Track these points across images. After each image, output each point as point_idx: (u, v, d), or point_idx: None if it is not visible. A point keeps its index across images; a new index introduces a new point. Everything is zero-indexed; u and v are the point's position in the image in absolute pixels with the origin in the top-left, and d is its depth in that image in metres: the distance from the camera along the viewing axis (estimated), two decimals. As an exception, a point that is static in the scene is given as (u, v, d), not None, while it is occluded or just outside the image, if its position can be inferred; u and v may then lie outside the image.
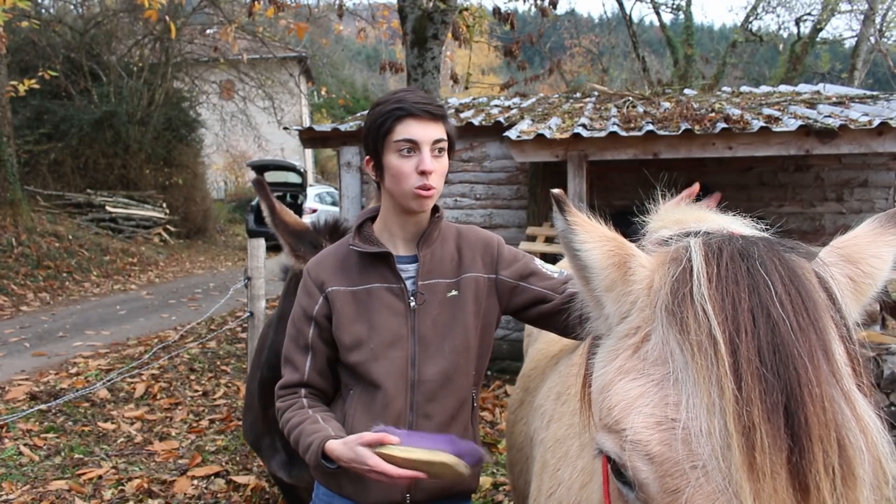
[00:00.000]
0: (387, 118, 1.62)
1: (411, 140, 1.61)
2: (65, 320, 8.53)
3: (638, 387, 0.85)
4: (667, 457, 0.79)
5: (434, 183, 1.63)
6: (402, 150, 1.62)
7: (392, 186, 1.66)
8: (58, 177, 14.70)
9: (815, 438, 0.73)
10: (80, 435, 4.89)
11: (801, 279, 0.85)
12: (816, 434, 0.73)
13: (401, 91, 1.70)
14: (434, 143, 1.63)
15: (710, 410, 0.77)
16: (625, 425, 0.83)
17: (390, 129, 1.62)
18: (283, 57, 18.71)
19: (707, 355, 0.79)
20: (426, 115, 1.62)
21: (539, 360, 2.13)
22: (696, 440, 0.78)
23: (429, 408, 1.70)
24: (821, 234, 6.63)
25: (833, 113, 5.40)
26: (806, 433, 0.73)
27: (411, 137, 1.61)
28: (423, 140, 1.62)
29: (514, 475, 2.10)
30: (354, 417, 1.70)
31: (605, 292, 0.98)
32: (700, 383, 0.79)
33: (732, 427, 0.75)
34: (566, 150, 5.45)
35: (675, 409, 0.80)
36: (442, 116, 1.66)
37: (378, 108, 1.66)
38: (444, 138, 1.66)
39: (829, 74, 18.27)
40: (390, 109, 1.62)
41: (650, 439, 0.80)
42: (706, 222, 1.14)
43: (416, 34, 7.03)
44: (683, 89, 9.01)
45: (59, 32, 15.42)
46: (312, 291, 1.74)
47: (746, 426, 0.74)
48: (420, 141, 1.61)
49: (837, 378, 0.78)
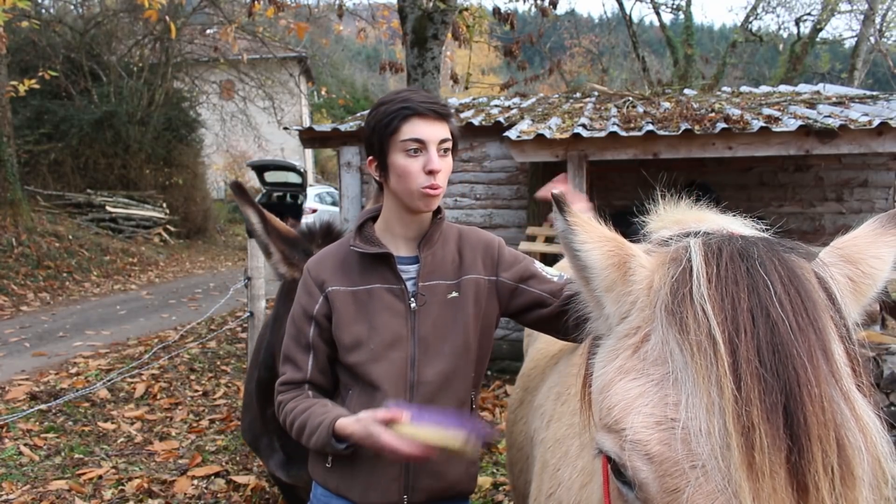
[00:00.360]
0: (393, 117, 1.61)
1: (418, 139, 1.60)
2: (65, 320, 8.53)
3: (638, 387, 0.85)
4: (666, 456, 0.79)
5: (441, 182, 1.63)
6: (410, 149, 1.61)
7: (398, 186, 1.65)
8: (58, 177, 14.71)
9: (814, 438, 0.73)
10: (80, 435, 4.89)
11: (801, 279, 0.85)
12: (815, 434, 0.74)
13: (405, 91, 1.69)
14: (440, 142, 1.63)
15: (710, 410, 0.77)
16: (624, 425, 0.83)
17: (397, 128, 1.61)
18: (283, 57, 18.72)
19: (706, 355, 0.80)
20: (433, 114, 1.61)
21: (539, 360, 2.13)
22: (695, 440, 0.78)
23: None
24: (821, 234, 6.64)
25: (833, 113, 5.40)
26: (805, 433, 0.74)
27: (418, 137, 1.60)
28: (430, 139, 1.61)
29: (513, 475, 2.10)
30: None
31: (605, 292, 0.98)
32: (699, 383, 0.79)
33: (732, 427, 0.75)
34: (566, 150, 5.45)
35: (675, 409, 0.81)
36: (447, 116, 1.65)
37: (383, 108, 1.64)
38: (450, 138, 1.66)
39: (828, 74, 18.27)
40: (397, 109, 1.61)
41: (650, 439, 0.81)
42: (706, 222, 1.15)
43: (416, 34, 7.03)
44: (683, 89, 9.02)
45: (60, 32, 15.42)
46: (312, 291, 1.74)
47: (746, 426, 0.75)
48: (427, 140, 1.61)
49: (837, 378, 0.78)
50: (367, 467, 1.67)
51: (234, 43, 10.71)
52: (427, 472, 1.69)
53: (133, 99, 15.74)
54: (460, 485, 1.78)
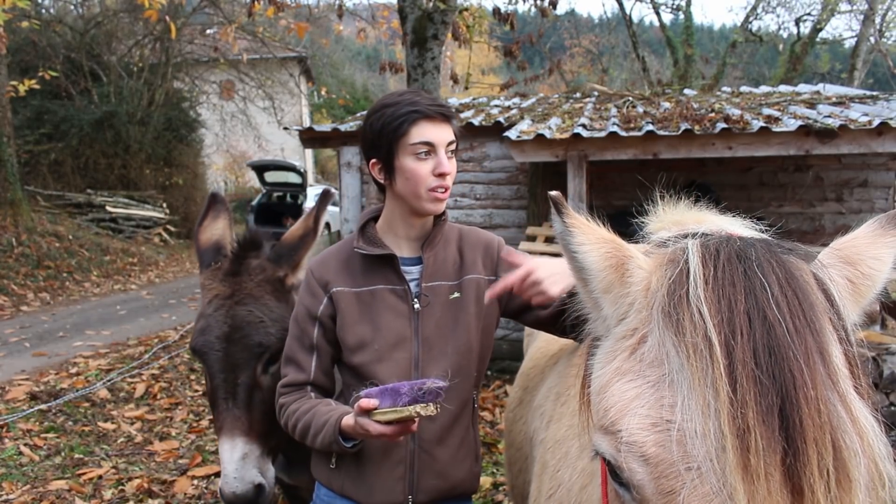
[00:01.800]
0: (403, 120, 1.61)
1: (428, 142, 1.61)
2: (65, 320, 8.53)
3: (634, 388, 0.85)
4: (662, 458, 0.79)
5: (449, 184, 1.65)
6: (420, 152, 1.61)
7: (406, 189, 1.64)
8: (58, 177, 14.71)
9: (810, 441, 0.73)
10: (80, 435, 4.89)
11: (799, 281, 0.85)
12: (811, 436, 0.73)
13: (407, 93, 1.68)
14: (448, 144, 1.64)
15: (705, 412, 0.77)
16: (620, 427, 0.84)
17: (406, 131, 1.61)
18: (283, 57, 18.72)
19: (702, 357, 0.80)
20: (441, 116, 1.62)
21: (538, 359, 2.13)
22: (690, 442, 0.78)
23: None
24: (820, 234, 6.63)
25: (833, 113, 5.40)
26: (801, 435, 0.74)
27: (428, 140, 1.61)
28: (439, 142, 1.62)
29: (512, 474, 2.10)
30: None
31: (602, 294, 0.98)
32: (695, 385, 0.79)
33: (727, 429, 0.75)
34: (566, 150, 5.45)
35: (671, 411, 0.81)
36: (452, 118, 1.67)
37: (389, 111, 1.63)
38: (455, 139, 1.67)
39: (828, 74, 18.27)
40: (406, 112, 1.61)
41: (645, 440, 0.81)
42: (705, 223, 1.15)
43: (416, 34, 7.03)
44: (683, 89, 9.02)
45: (60, 32, 15.43)
46: (316, 291, 1.74)
47: (741, 428, 0.75)
48: (436, 143, 1.62)
49: (834, 380, 0.78)
50: (372, 468, 1.68)
51: (234, 43, 10.71)
52: (432, 472, 1.70)
53: (133, 99, 15.74)
54: (464, 484, 1.78)
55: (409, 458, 1.69)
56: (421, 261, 1.74)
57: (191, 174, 17.94)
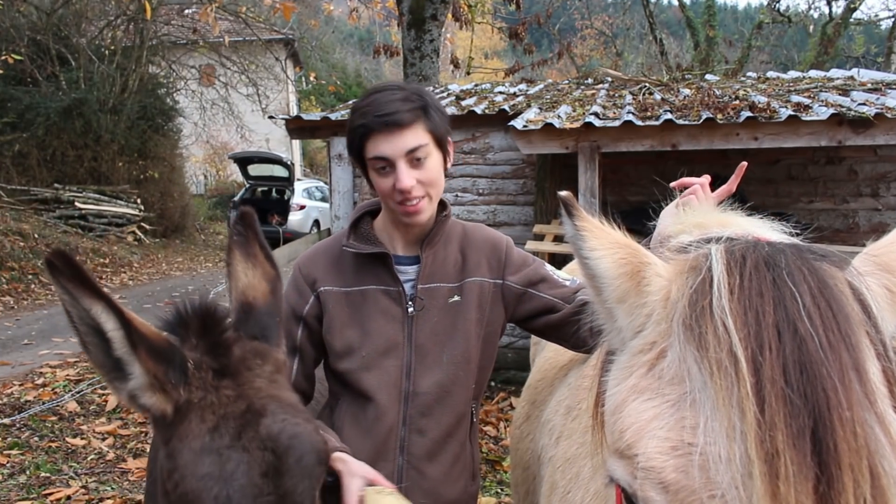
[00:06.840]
0: (354, 136, 1.62)
1: (383, 157, 1.60)
2: (30, 326, 8.53)
3: (652, 408, 0.85)
4: (682, 485, 0.79)
5: (418, 194, 1.61)
6: (378, 167, 1.62)
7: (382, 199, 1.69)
8: (23, 170, 14.70)
9: (845, 467, 0.73)
10: (46, 451, 4.89)
11: (833, 291, 0.85)
12: (846, 462, 0.73)
13: (374, 93, 1.65)
14: (409, 153, 1.59)
15: (730, 435, 0.77)
16: (637, 450, 0.83)
17: (361, 146, 1.62)
18: (268, 39, 18.74)
19: (727, 374, 0.79)
20: (392, 126, 1.57)
21: (547, 371, 2.13)
22: (714, 467, 0.77)
23: (423, 423, 1.70)
24: (855, 232, 6.63)
25: (868, 100, 5.40)
26: (835, 461, 0.73)
27: (381, 155, 1.60)
28: (394, 155, 1.59)
29: (518, 496, 2.10)
30: (343, 430, 1.69)
31: (616, 304, 0.97)
32: (719, 405, 0.79)
33: (754, 453, 0.74)
34: (577, 141, 5.45)
35: (692, 433, 0.80)
36: (413, 120, 1.59)
37: (353, 117, 1.65)
38: (423, 143, 1.60)
39: (863, 58, 18.29)
40: (357, 125, 1.61)
41: (664, 466, 0.80)
42: (730, 226, 1.15)
43: (414, 14, 7.03)
44: (705, 75, 9.02)
45: (24, 13, 15.42)
46: (303, 290, 1.74)
47: (769, 452, 0.74)
48: (392, 156, 1.59)
49: (871, 400, 0.78)
50: None
51: (215, 24, 10.71)
52: (420, 491, 1.70)
53: (105, 85, 15.73)
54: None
55: (397, 474, 1.69)
56: (419, 260, 1.73)
57: (167, 167, 17.94)
